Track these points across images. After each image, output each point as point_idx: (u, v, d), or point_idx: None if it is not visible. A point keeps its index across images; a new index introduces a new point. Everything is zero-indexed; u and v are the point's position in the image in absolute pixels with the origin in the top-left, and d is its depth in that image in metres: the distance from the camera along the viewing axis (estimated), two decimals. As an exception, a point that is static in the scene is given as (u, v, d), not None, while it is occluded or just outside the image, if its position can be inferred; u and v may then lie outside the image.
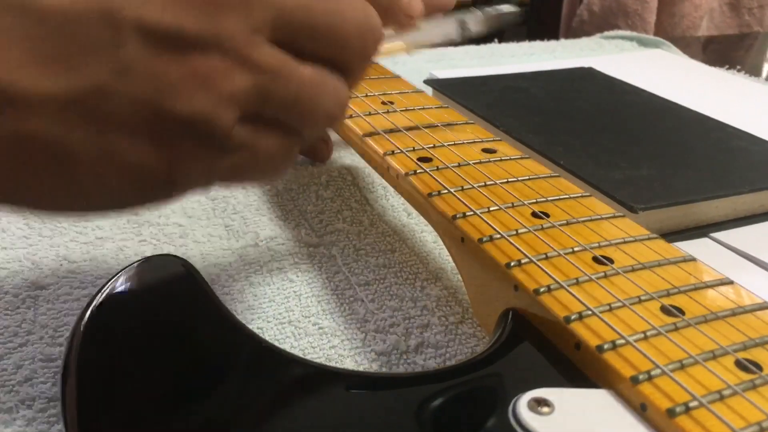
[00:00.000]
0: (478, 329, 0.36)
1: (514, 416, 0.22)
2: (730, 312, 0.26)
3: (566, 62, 0.76)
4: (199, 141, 0.25)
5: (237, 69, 0.24)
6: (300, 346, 0.35)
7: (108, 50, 0.23)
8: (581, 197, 0.34)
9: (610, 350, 0.24)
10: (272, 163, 0.27)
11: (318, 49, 0.27)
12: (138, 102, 0.23)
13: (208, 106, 0.24)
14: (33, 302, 0.38)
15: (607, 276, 0.28)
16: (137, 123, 0.24)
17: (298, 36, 0.26)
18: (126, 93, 0.23)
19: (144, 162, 0.24)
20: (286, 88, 0.26)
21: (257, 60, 0.25)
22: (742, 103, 0.68)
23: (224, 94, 0.24)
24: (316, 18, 0.26)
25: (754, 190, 0.44)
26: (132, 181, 0.25)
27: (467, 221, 0.31)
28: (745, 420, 0.21)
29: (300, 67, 0.26)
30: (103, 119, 0.23)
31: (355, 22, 0.27)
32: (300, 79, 0.26)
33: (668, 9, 1.37)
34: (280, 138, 0.27)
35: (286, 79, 0.26)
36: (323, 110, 0.27)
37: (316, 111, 0.27)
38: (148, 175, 0.25)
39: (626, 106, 0.59)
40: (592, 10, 1.36)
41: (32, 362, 0.33)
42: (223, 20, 0.24)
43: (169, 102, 0.24)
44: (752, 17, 1.46)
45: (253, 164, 0.27)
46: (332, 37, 0.27)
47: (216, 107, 0.24)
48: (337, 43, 0.27)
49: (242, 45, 0.25)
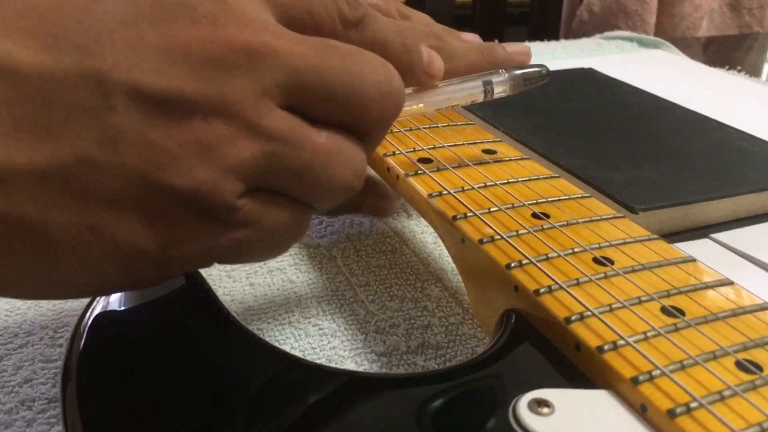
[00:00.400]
0: (479, 330, 0.36)
1: (515, 417, 0.22)
2: (730, 313, 0.26)
3: (566, 63, 0.76)
4: (199, 217, 0.22)
5: (243, 136, 0.22)
6: (300, 347, 0.35)
7: (95, 117, 0.20)
8: (581, 198, 0.34)
9: (610, 351, 0.24)
10: (279, 239, 0.25)
11: (334, 113, 0.24)
12: (129, 175, 0.21)
13: (210, 178, 0.22)
14: (33, 303, 0.38)
15: (608, 277, 0.27)
16: (127, 198, 0.21)
17: (312, 99, 0.23)
18: (115, 165, 0.20)
19: (135, 241, 0.22)
20: (298, 157, 0.23)
21: (266, 126, 0.22)
22: (742, 104, 0.68)
23: (228, 164, 0.22)
24: (333, 79, 0.24)
25: (755, 191, 0.43)
26: (120, 263, 0.22)
27: (467, 222, 0.31)
28: (745, 421, 0.21)
29: (313, 134, 0.23)
30: (88, 195, 0.21)
31: (375, 84, 0.25)
32: (313, 147, 0.23)
33: (668, 10, 1.37)
34: (289, 211, 0.24)
35: (298, 147, 0.23)
36: (338, 181, 0.24)
37: (330, 182, 0.24)
38: (138, 256, 0.22)
39: (626, 106, 0.59)
40: (592, 10, 1.36)
41: (32, 363, 0.33)
42: (228, 82, 0.22)
43: (165, 174, 0.21)
44: (752, 18, 1.46)
45: (258, 241, 0.24)
46: (350, 100, 0.24)
47: (219, 179, 0.22)
48: (356, 108, 0.24)
49: (249, 110, 0.22)
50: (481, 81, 0.34)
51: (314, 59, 0.23)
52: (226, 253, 0.24)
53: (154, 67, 0.21)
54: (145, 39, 0.21)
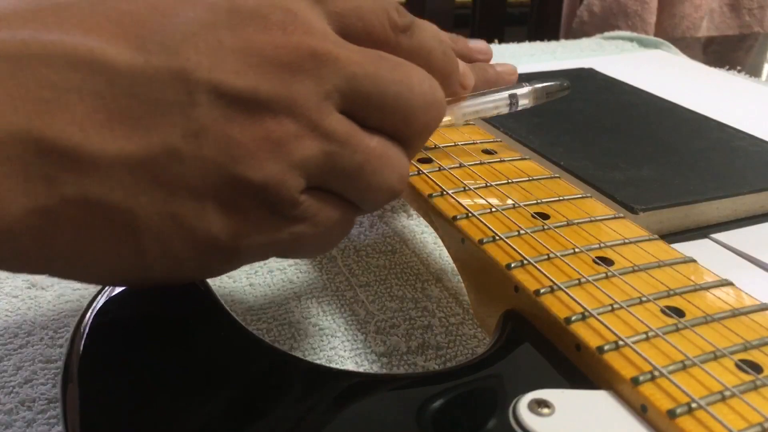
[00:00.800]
0: (479, 330, 0.36)
1: (515, 417, 0.22)
2: (729, 314, 0.26)
3: (566, 63, 0.76)
4: (267, 209, 0.24)
5: (307, 135, 0.24)
6: (300, 347, 0.35)
7: (181, 112, 0.22)
8: (581, 198, 0.34)
9: (610, 351, 0.24)
10: (329, 236, 0.26)
11: (384, 119, 0.26)
12: (209, 166, 0.22)
13: (278, 172, 0.23)
14: (33, 303, 0.38)
15: (608, 277, 0.28)
16: (206, 188, 0.23)
17: (366, 105, 0.25)
18: (197, 156, 0.22)
19: (211, 230, 0.23)
20: (352, 159, 0.25)
21: (327, 127, 0.24)
22: (742, 104, 0.68)
23: (294, 160, 0.24)
24: (385, 88, 0.25)
25: (755, 191, 0.43)
26: (196, 251, 0.24)
27: (468, 222, 0.31)
28: (745, 421, 0.21)
29: (366, 138, 0.25)
30: (172, 184, 0.22)
31: (421, 94, 0.26)
32: (366, 150, 0.25)
33: (668, 10, 1.37)
34: (341, 210, 0.26)
35: (353, 149, 0.25)
36: (386, 183, 0.26)
37: (378, 184, 0.26)
38: (213, 244, 0.24)
39: (626, 106, 0.59)
40: (593, 10, 1.36)
41: (32, 363, 0.33)
42: (297, 84, 0.23)
43: (240, 167, 0.23)
44: (752, 18, 1.46)
45: (312, 236, 0.26)
46: (399, 108, 0.26)
47: (286, 174, 0.23)
48: (403, 115, 0.26)
49: (313, 111, 0.24)
50: (507, 94, 0.36)
51: (369, 68, 0.25)
52: (284, 246, 0.25)
53: (233, 68, 0.22)
54: (224, 42, 0.23)
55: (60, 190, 0.21)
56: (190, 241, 0.23)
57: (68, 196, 0.21)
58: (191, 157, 0.22)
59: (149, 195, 0.22)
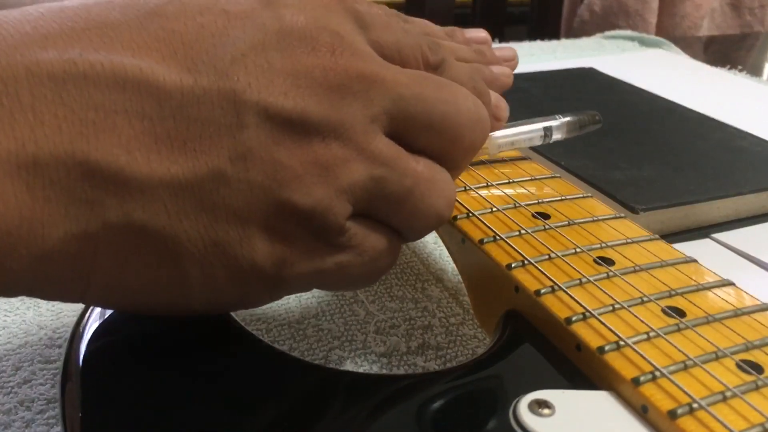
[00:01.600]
0: (479, 331, 0.36)
1: (515, 418, 0.22)
2: (730, 314, 0.26)
3: (567, 62, 0.76)
4: (313, 236, 0.23)
5: (355, 159, 0.23)
6: (300, 347, 0.35)
7: (228, 134, 0.21)
8: (582, 198, 0.34)
9: (611, 352, 0.24)
10: (374, 266, 0.26)
11: (431, 140, 0.26)
12: (255, 190, 0.22)
13: (326, 197, 0.23)
14: (32, 303, 0.38)
15: (609, 277, 0.27)
16: (252, 213, 0.22)
17: (413, 126, 0.25)
18: (243, 180, 0.22)
19: (254, 258, 0.23)
20: (401, 183, 0.24)
21: (374, 150, 0.24)
22: (743, 104, 0.68)
23: (342, 185, 0.23)
24: (432, 107, 0.25)
25: (756, 191, 0.43)
26: (239, 279, 0.23)
27: (468, 222, 0.31)
28: (746, 422, 0.21)
29: (413, 161, 0.25)
30: (217, 208, 0.22)
31: (467, 112, 0.26)
32: (414, 175, 0.25)
33: (669, 9, 1.37)
34: (387, 239, 0.25)
35: (401, 173, 0.24)
36: (434, 209, 0.26)
37: (426, 209, 0.25)
38: (256, 273, 0.23)
39: (627, 106, 0.59)
40: (593, 10, 1.36)
41: (31, 364, 0.33)
42: (345, 107, 0.23)
43: (287, 191, 0.22)
44: (753, 17, 1.46)
45: (358, 266, 0.25)
46: (446, 128, 0.26)
47: (333, 199, 0.23)
48: (451, 135, 0.26)
49: (360, 134, 0.23)
50: (542, 126, 0.36)
51: (415, 88, 0.25)
52: (329, 276, 0.25)
53: (282, 90, 0.22)
54: (273, 64, 0.22)
55: (103, 214, 0.20)
56: (233, 269, 0.23)
57: (111, 220, 0.20)
58: (237, 180, 0.22)
59: (193, 220, 0.21)
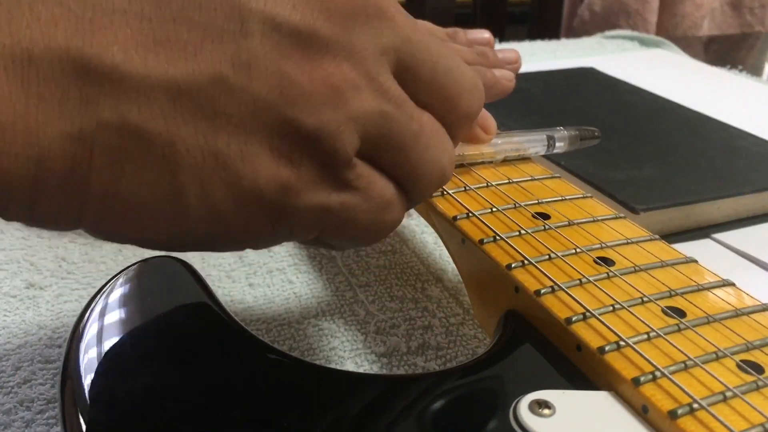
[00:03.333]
0: (479, 331, 0.36)
1: (515, 418, 0.22)
2: (731, 314, 0.26)
3: (567, 62, 0.76)
4: (320, 164, 0.22)
5: (366, 88, 0.22)
6: (300, 347, 0.35)
7: (231, 40, 0.21)
8: (582, 198, 0.34)
9: (611, 352, 0.23)
10: (381, 217, 0.25)
11: (433, 95, 0.25)
12: (258, 103, 0.21)
13: (335, 120, 0.22)
14: (32, 303, 0.38)
15: (609, 278, 0.27)
16: (254, 128, 0.21)
17: (417, 76, 0.24)
18: (246, 90, 0.21)
19: (257, 178, 0.22)
20: (408, 126, 0.24)
21: (383, 83, 0.23)
22: (743, 104, 0.68)
23: (352, 112, 0.22)
24: (436, 59, 0.25)
25: (756, 191, 0.43)
26: (239, 202, 0.22)
27: (468, 222, 0.31)
28: (746, 422, 0.21)
29: (418, 110, 0.25)
30: (218, 117, 0.21)
31: (468, 78, 0.26)
32: (420, 121, 0.24)
33: (669, 9, 1.37)
34: (392, 189, 0.25)
35: (408, 115, 0.24)
36: (437, 163, 0.25)
37: (430, 161, 0.25)
38: (259, 196, 0.22)
39: (627, 106, 0.59)
40: (594, 9, 1.36)
41: (31, 364, 0.33)
42: (357, 31, 0.22)
43: (294, 109, 0.21)
44: (754, 17, 1.46)
45: (365, 211, 0.24)
46: (448, 84, 0.25)
47: (342, 124, 0.22)
48: (451, 93, 0.26)
49: (371, 62, 0.23)
50: (545, 135, 0.38)
51: (423, 36, 0.25)
52: (334, 218, 0.24)
53: (291, 2, 0.21)
54: None
55: (97, 113, 0.20)
56: (234, 189, 0.22)
57: (106, 119, 0.20)
58: (240, 89, 0.21)
59: (192, 127, 0.20)
